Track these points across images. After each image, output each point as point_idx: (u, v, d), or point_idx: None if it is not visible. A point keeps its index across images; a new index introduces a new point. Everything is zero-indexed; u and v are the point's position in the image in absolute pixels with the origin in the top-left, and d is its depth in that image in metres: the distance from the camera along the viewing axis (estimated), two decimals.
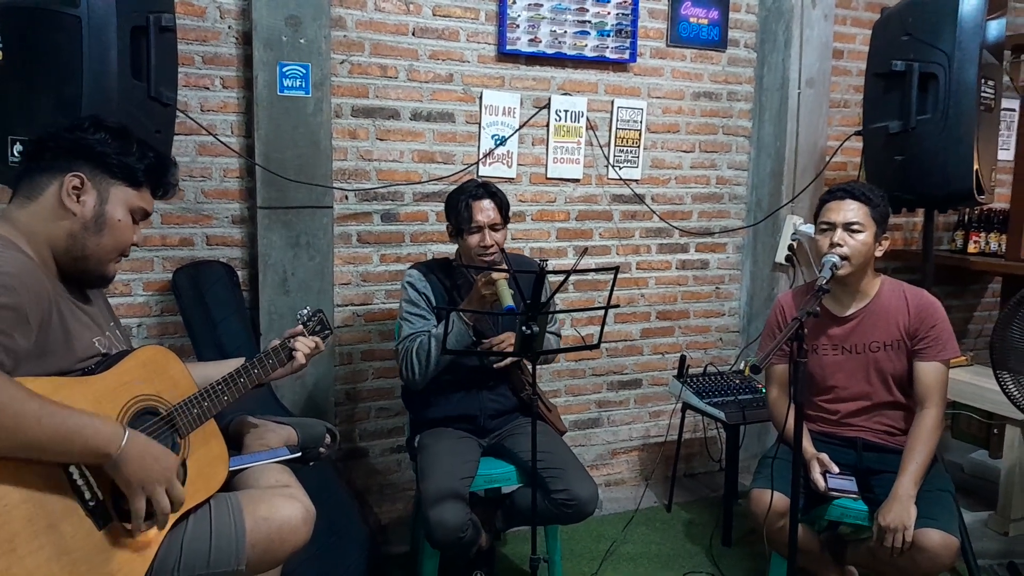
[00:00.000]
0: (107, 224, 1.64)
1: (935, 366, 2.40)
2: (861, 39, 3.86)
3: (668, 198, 3.69)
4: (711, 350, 3.90)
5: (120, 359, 1.63)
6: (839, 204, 2.40)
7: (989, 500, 3.42)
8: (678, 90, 3.62)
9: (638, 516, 3.38)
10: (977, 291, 4.46)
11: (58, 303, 1.57)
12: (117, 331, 1.79)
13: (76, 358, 1.58)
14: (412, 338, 2.57)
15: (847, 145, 3.66)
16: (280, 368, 1.97)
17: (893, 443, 2.46)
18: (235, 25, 2.88)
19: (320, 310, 2.15)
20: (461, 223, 2.59)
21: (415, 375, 2.55)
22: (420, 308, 2.62)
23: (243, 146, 2.94)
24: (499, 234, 2.61)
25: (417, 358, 2.53)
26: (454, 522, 2.34)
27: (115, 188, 1.66)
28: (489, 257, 2.58)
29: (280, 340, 2.01)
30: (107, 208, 1.64)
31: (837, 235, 2.37)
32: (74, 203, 1.61)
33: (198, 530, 1.66)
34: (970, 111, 2.70)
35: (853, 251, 2.36)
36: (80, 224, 1.61)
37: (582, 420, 3.68)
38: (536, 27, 3.27)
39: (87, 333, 1.64)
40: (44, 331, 1.51)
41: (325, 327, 2.14)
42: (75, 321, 1.61)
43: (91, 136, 1.64)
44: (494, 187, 2.66)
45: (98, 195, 1.63)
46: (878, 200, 2.41)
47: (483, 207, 2.58)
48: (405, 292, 2.65)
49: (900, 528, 2.18)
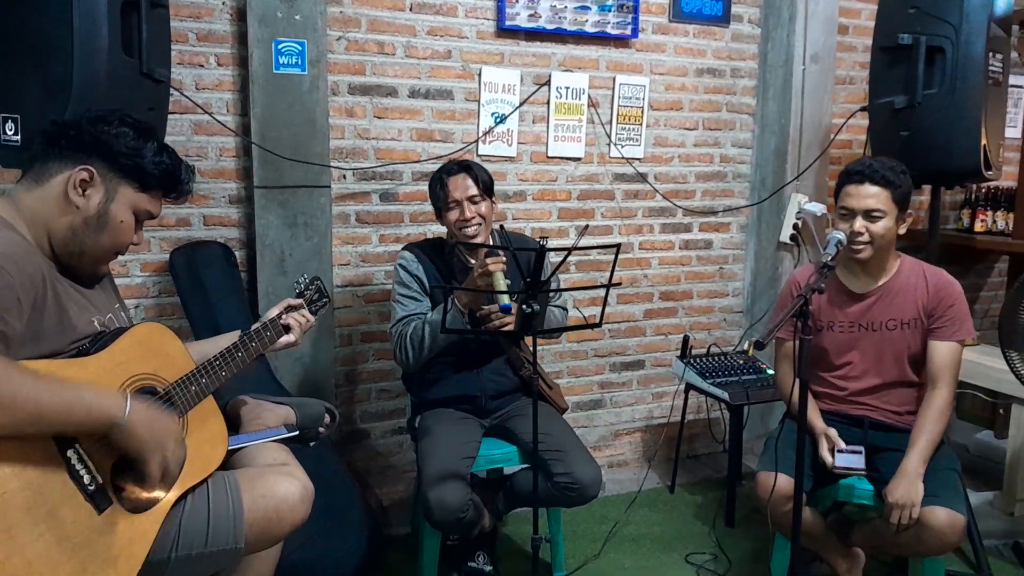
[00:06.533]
0: (109, 223, 1.61)
1: (950, 346, 2.37)
2: (866, 14, 3.80)
3: (671, 177, 3.65)
4: (715, 331, 3.87)
5: (115, 338, 1.60)
6: (857, 189, 2.32)
7: (994, 480, 3.40)
8: (681, 66, 3.57)
9: (641, 497, 3.36)
10: (983, 270, 4.42)
11: (53, 284, 1.55)
12: (123, 313, 1.78)
13: (71, 338, 1.56)
14: (406, 322, 2.55)
15: (852, 122, 3.61)
16: (276, 342, 1.96)
17: (901, 422, 2.44)
18: (229, 1, 2.83)
19: (317, 278, 2.12)
20: (438, 202, 2.61)
21: (408, 359, 2.54)
22: (412, 290, 2.60)
23: (239, 125, 2.90)
24: (480, 206, 2.58)
25: (411, 343, 2.51)
26: (454, 502, 2.32)
27: (123, 188, 1.63)
28: (472, 229, 2.55)
29: (277, 311, 1.99)
30: (112, 207, 1.61)
31: (858, 224, 2.31)
32: (79, 197, 1.58)
33: (196, 509, 1.64)
34: (977, 85, 2.65)
35: (873, 237, 2.32)
36: (81, 219, 1.59)
37: (584, 401, 3.66)
38: (536, 2, 3.21)
39: (84, 314, 1.61)
40: (38, 312, 1.49)
41: (323, 295, 2.12)
42: (71, 302, 1.59)
43: (112, 131, 1.62)
44: (470, 162, 2.66)
45: (105, 192, 1.61)
46: (899, 180, 2.32)
47: (457, 182, 2.58)
48: (397, 274, 2.64)
49: (908, 505, 2.16)
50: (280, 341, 1.98)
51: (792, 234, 3.62)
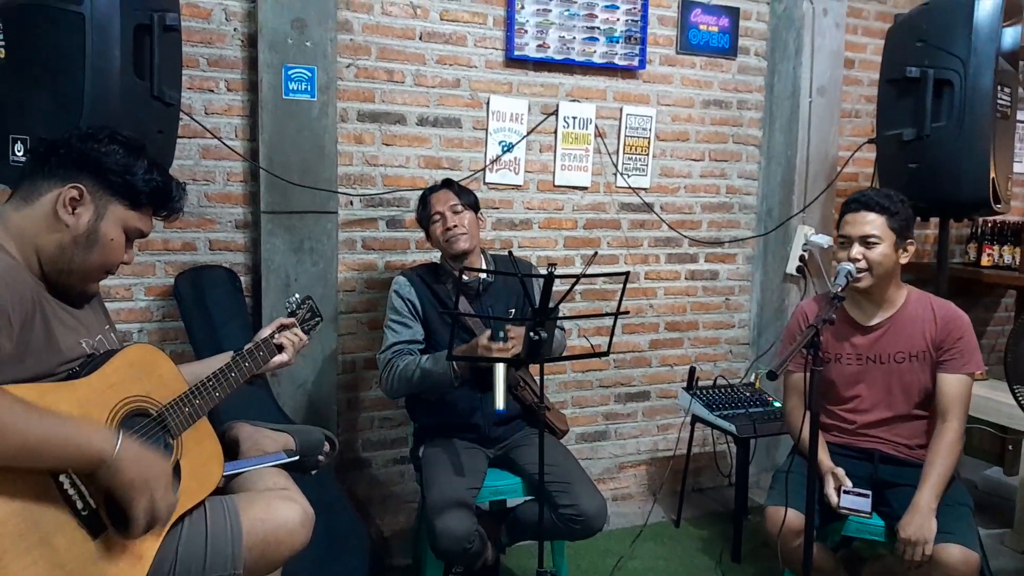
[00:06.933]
0: (98, 241, 1.58)
1: (959, 378, 2.34)
2: (872, 49, 3.82)
3: (677, 207, 3.64)
4: (720, 362, 3.84)
5: (106, 360, 1.57)
6: (855, 217, 2.36)
7: (1003, 516, 3.34)
8: (688, 98, 3.59)
9: (646, 531, 3.31)
10: (990, 304, 4.40)
11: (42, 305, 1.52)
12: (112, 335, 1.74)
13: (59, 360, 1.52)
14: (397, 351, 2.55)
15: (858, 155, 3.62)
16: (269, 361, 1.95)
17: (911, 456, 2.40)
18: (240, 27, 2.85)
19: (309, 297, 2.13)
20: (424, 221, 2.69)
21: (392, 390, 2.57)
22: (403, 316, 2.60)
23: (247, 150, 2.90)
24: (463, 216, 2.61)
25: (400, 379, 2.52)
26: (460, 531, 2.28)
27: (113, 205, 1.60)
28: (458, 240, 2.58)
29: (269, 330, 1.99)
30: (101, 225, 1.58)
31: (854, 250, 2.33)
32: (68, 215, 1.55)
33: (193, 533, 1.60)
34: (986, 118, 2.66)
35: (872, 264, 2.31)
36: (71, 237, 1.55)
37: (589, 433, 3.62)
38: (544, 33, 3.24)
39: (72, 335, 1.58)
40: (26, 332, 1.45)
41: (315, 314, 2.13)
42: (59, 323, 1.55)
43: (102, 148, 1.59)
44: (451, 179, 2.76)
45: (95, 210, 1.58)
46: (896, 207, 2.34)
47: (439, 196, 2.65)
48: (390, 299, 2.64)
49: (921, 541, 2.12)
50: (273, 360, 1.97)
51: (798, 266, 3.61)
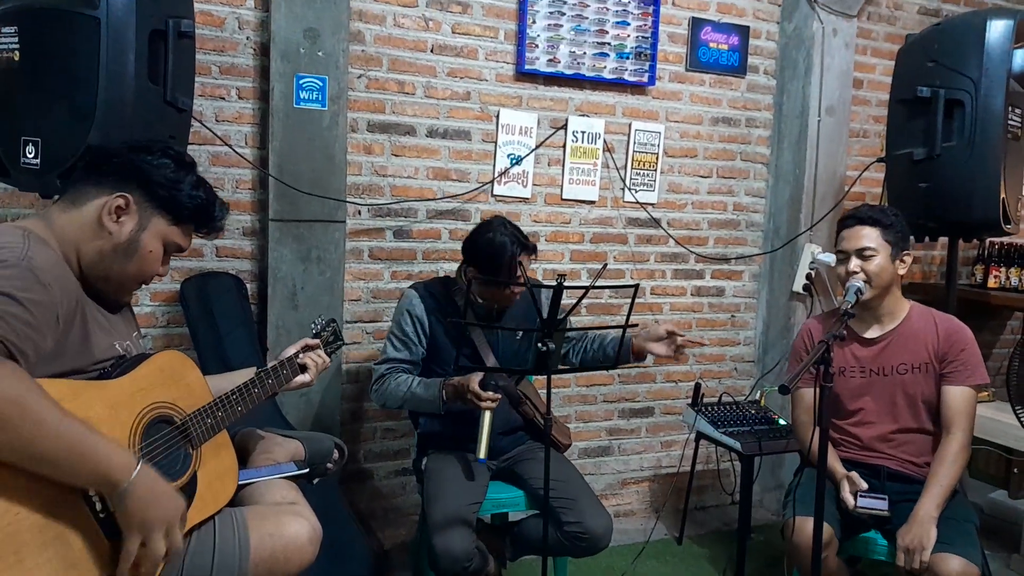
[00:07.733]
0: (138, 252, 1.61)
1: (963, 391, 2.35)
2: (881, 70, 3.83)
3: (684, 223, 3.64)
4: (725, 379, 3.82)
5: (138, 363, 1.59)
6: (850, 232, 2.41)
7: (1008, 540, 3.31)
8: (696, 115, 3.59)
9: (648, 549, 3.28)
10: (996, 327, 4.39)
11: (82, 304, 1.55)
12: (140, 342, 1.76)
13: (92, 359, 1.54)
14: (392, 370, 2.54)
15: (866, 175, 3.62)
16: (291, 380, 1.96)
17: (918, 473, 2.38)
18: (253, 36, 2.86)
19: (333, 320, 2.14)
20: (499, 274, 2.46)
21: (380, 403, 2.58)
22: (407, 336, 2.56)
23: (257, 157, 2.91)
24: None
25: (391, 396, 2.52)
26: (460, 551, 2.26)
27: (156, 218, 1.63)
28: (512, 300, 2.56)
29: (294, 349, 1.99)
30: (142, 236, 1.61)
31: (852, 263, 2.38)
32: (112, 223, 1.58)
33: (201, 545, 1.59)
34: (997, 138, 2.66)
35: (870, 276, 2.36)
36: (111, 245, 1.58)
37: (592, 448, 3.60)
38: (555, 47, 3.25)
39: (106, 337, 1.60)
40: (67, 330, 1.48)
41: (338, 337, 2.14)
42: (95, 323, 1.58)
43: (153, 162, 1.62)
44: (525, 237, 2.53)
45: (138, 221, 1.61)
46: (889, 220, 2.39)
47: (525, 265, 2.48)
48: (401, 313, 2.59)
49: (918, 548, 2.12)
50: (295, 380, 1.98)
51: (805, 284, 3.60)
